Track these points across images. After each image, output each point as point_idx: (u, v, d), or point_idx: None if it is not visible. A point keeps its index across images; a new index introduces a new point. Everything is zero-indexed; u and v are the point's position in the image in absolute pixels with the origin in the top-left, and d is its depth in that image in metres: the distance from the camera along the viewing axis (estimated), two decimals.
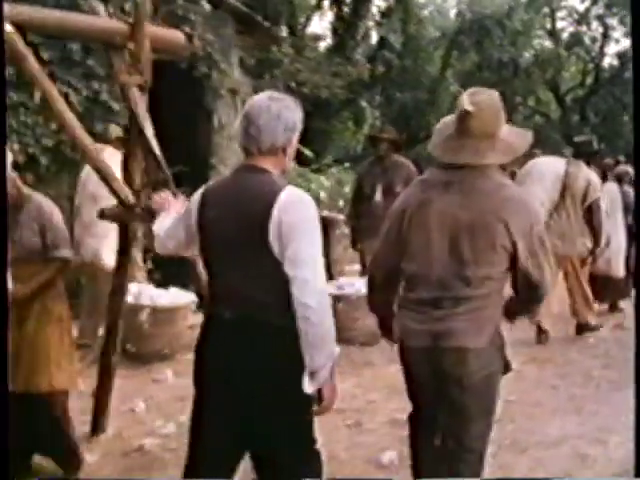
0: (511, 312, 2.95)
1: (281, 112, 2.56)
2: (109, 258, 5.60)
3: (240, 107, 7.94)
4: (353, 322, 6.37)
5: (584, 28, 25.72)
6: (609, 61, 26.32)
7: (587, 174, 6.39)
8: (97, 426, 4.44)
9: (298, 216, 2.50)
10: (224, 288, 2.63)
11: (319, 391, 2.55)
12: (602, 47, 25.41)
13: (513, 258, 2.74)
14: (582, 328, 6.93)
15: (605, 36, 25.27)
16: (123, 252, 4.05)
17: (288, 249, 2.46)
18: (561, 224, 6.31)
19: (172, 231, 2.90)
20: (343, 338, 5.42)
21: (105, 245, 5.73)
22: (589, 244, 6.47)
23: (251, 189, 2.56)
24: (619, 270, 7.60)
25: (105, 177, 3.58)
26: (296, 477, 2.60)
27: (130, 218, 3.75)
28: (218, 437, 2.67)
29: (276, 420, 2.59)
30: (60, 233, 3.72)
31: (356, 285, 6.52)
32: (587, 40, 25.64)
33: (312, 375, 2.50)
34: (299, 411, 2.62)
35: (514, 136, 2.84)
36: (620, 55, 25.53)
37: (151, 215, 3.30)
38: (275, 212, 2.47)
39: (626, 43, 25.50)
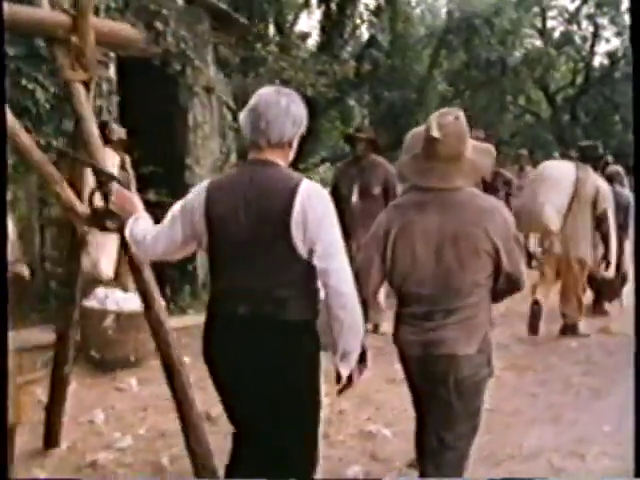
0: (494, 298, 3.08)
1: (290, 106, 2.57)
2: (107, 268, 5.86)
3: (216, 105, 7.70)
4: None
5: (575, 27, 25.58)
6: (600, 60, 26.25)
7: (595, 180, 6.34)
8: (50, 440, 4.20)
9: (322, 209, 2.53)
10: (237, 284, 2.57)
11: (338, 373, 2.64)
12: (592, 46, 25.24)
13: (496, 262, 2.90)
14: (568, 329, 6.82)
15: (595, 35, 25.10)
16: (71, 258, 3.81)
17: (318, 242, 2.48)
18: (566, 227, 6.30)
19: (162, 233, 2.76)
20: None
21: (103, 254, 5.80)
22: (591, 250, 6.49)
23: (265, 183, 2.54)
24: (611, 270, 7.45)
25: (48, 180, 3.32)
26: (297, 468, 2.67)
27: (79, 222, 3.50)
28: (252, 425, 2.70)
29: (286, 418, 2.61)
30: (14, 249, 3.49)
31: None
32: (577, 39, 25.50)
33: (345, 357, 2.58)
34: (310, 407, 2.67)
35: (478, 154, 2.95)
36: (610, 54, 25.39)
37: (106, 218, 3.17)
38: (297, 206, 2.47)
39: (616, 42, 25.40)
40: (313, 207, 2.51)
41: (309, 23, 37.58)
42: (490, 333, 3.05)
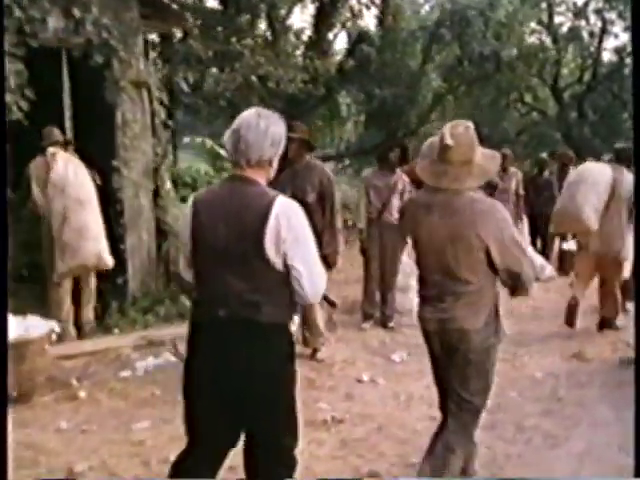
0: (509, 293, 3.42)
1: (268, 128, 2.71)
2: (109, 257, 6.09)
3: (147, 102, 6.79)
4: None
5: (582, 22, 24.45)
6: (608, 57, 25.08)
7: (630, 181, 6.27)
8: None
9: (295, 225, 2.71)
10: (218, 289, 2.74)
11: None
12: (600, 42, 24.08)
13: (490, 259, 3.22)
14: (605, 324, 6.84)
15: (604, 31, 23.94)
16: None
17: (291, 255, 2.67)
18: (603, 226, 6.39)
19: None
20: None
21: (105, 245, 6.09)
22: (626, 247, 6.47)
23: (244, 199, 2.70)
24: (627, 271, 6.90)
25: None
26: (280, 450, 2.89)
27: None
28: (214, 427, 2.85)
29: (265, 405, 2.78)
30: None
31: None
32: (585, 35, 24.36)
33: None
34: (284, 395, 2.83)
35: (486, 159, 3.31)
36: (619, 50, 24.22)
37: None
38: (271, 221, 2.63)
39: (625, 38, 24.20)
40: (286, 223, 2.67)
41: (302, 18, 36.48)
42: (496, 307, 3.39)
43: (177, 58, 12.05)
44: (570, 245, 10.18)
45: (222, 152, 6.97)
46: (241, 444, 2.95)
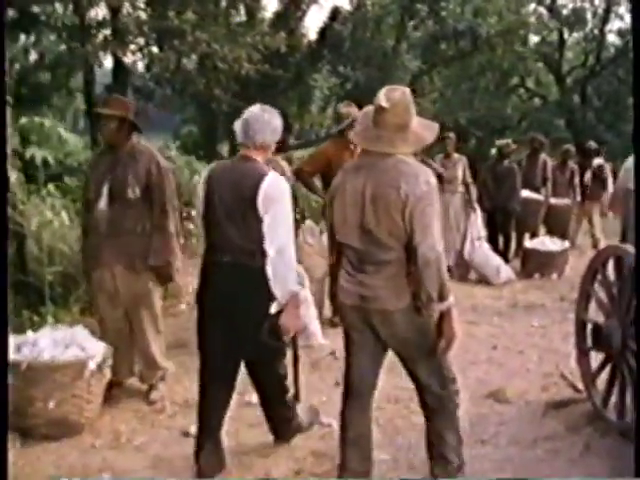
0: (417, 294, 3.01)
1: (271, 120, 3.35)
2: None
3: None
4: (29, 404, 3.80)
5: (587, 4, 22.62)
6: (612, 39, 23.20)
7: None
8: None
9: (278, 194, 3.28)
10: (223, 241, 3.32)
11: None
12: (604, 24, 22.21)
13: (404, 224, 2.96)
14: None
15: (608, 11, 22.09)
16: None
17: (269, 212, 3.23)
18: None
19: None
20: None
21: None
22: None
23: (245, 172, 3.33)
24: None
25: None
26: (275, 372, 3.58)
27: None
28: (218, 350, 3.45)
29: (256, 332, 3.29)
30: None
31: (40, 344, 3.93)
32: (589, 16, 22.54)
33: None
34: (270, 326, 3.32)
35: (423, 128, 3.12)
36: (623, 33, 22.33)
37: None
38: (261, 190, 3.24)
39: (630, 18, 22.33)
40: (272, 192, 3.25)
41: None
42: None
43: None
44: (538, 244, 8.68)
45: (68, 136, 5.44)
46: None
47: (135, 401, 4.43)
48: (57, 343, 3.94)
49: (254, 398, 4.49)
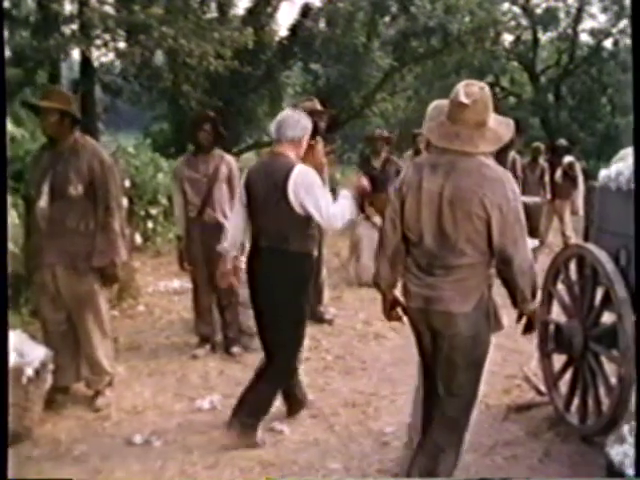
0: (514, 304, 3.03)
1: (300, 119, 3.74)
2: None
3: None
4: None
5: (560, 3, 22.56)
6: (585, 39, 23.17)
7: None
8: None
9: (307, 183, 3.61)
10: (261, 227, 3.72)
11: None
12: (577, 22, 22.18)
13: (488, 230, 2.86)
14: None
15: (580, 11, 22.06)
16: None
17: (305, 201, 3.59)
18: None
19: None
20: None
21: None
22: None
23: (276, 165, 3.68)
24: None
25: None
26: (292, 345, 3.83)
27: None
28: (260, 320, 3.84)
29: (285, 305, 3.71)
30: None
31: None
32: (562, 15, 22.48)
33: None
34: (300, 299, 3.75)
35: (500, 125, 2.98)
36: (595, 32, 22.34)
37: None
38: (291, 181, 3.59)
39: (602, 19, 22.36)
40: (300, 182, 3.60)
41: None
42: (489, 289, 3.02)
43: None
44: None
45: (14, 130, 5.18)
46: None
47: (80, 408, 4.21)
48: None
49: (205, 404, 4.31)
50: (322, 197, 3.63)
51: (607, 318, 3.81)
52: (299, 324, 3.79)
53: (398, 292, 3.21)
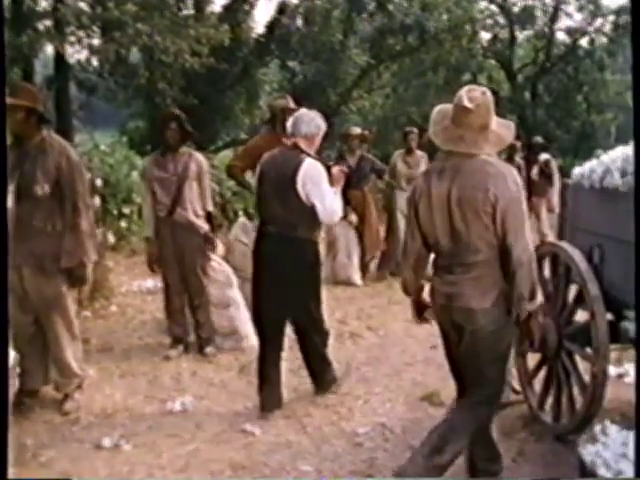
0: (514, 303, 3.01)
1: (314, 117, 4.10)
2: None
3: None
4: None
5: (537, 2, 22.62)
6: (562, 38, 23.25)
7: None
8: None
9: (315, 176, 3.94)
10: (270, 214, 4.02)
11: None
12: (553, 21, 22.27)
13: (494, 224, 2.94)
14: None
15: (557, 10, 22.15)
16: None
17: (311, 193, 3.92)
18: None
19: None
20: None
21: None
22: None
23: (287, 158, 4.01)
24: None
25: None
26: (316, 324, 4.25)
27: None
28: (268, 307, 4.09)
29: (299, 294, 4.10)
30: None
31: None
32: (539, 14, 22.57)
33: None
34: (312, 288, 4.17)
35: (501, 127, 3.07)
36: (571, 31, 22.44)
37: None
38: (300, 172, 3.91)
39: (578, 17, 22.47)
40: (309, 174, 3.92)
41: None
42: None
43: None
44: None
45: None
46: None
47: (48, 411, 4.12)
48: None
49: (177, 406, 4.24)
50: (327, 192, 3.97)
51: (580, 316, 3.80)
52: (318, 303, 4.22)
53: (426, 295, 3.29)
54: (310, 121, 4.06)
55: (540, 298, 3.04)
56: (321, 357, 4.34)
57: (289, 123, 4.07)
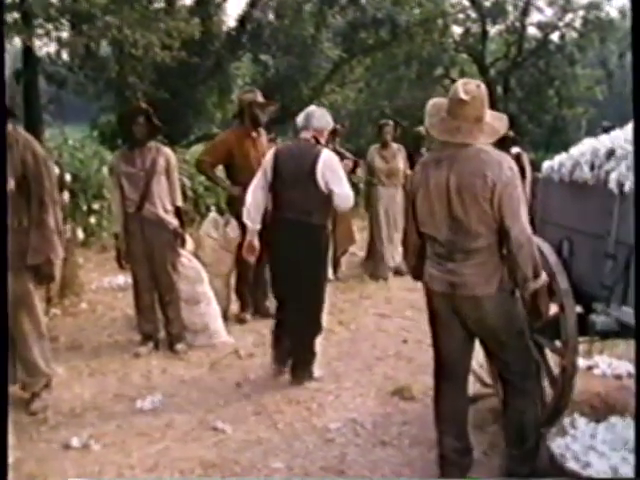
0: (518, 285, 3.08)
1: (324, 114, 4.47)
2: None
3: None
4: None
5: None
6: (533, 32, 23.40)
7: None
8: None
9: (333, 166, 4.29)
10: (287, 201, 4.31)
11: None
12: (524, 15, 22.41)
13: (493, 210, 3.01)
14: None
15: (528, 4, 22.28)
16: None
17: (332, 184, 4.26)
18: None
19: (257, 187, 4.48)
20: None
21: None
22: None
23: (303, 150, 4.35)
24: None
25: None
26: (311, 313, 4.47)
27: None
28: (282, 282, 4.50)
29: (309, 272, 4.37)
30: None
31: None
32: (510, 8, 22.68)
33: None
34: (321, 268, 4.48)
35: (495, 120, 3.15)
36: (542, 26, 22.61)
37: None
38: (319, 163, 4.24)
39: (549, 12, 22.63)
40: (327, 164, 4.26)
41: None
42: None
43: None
44: None
45: None
46: None
47: (15, 412, 4.01)
48: None
49: (146, 404, 4.18)
50: (345, 179, 4.36)
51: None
52: (318, 285, 4.45)
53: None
54: (321, 117, 4.42)
55: (544, 275, 3.09)
56: (307, 346, 4.48)
57: (300, 117, 4.41)
